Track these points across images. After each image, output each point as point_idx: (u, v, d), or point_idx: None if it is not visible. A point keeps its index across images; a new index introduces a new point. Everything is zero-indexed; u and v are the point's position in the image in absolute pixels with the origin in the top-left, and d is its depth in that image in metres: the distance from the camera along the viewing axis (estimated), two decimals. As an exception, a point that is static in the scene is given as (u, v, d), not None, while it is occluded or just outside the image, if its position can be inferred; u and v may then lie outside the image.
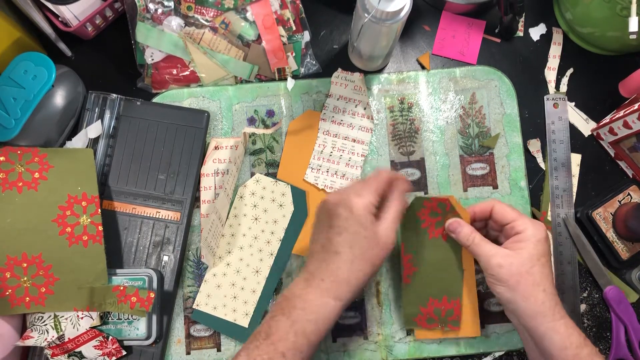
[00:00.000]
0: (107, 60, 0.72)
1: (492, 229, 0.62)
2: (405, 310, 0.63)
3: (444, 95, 0.71)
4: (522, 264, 0.54)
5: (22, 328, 0.64)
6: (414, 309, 0.63)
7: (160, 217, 0.66)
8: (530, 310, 0.53)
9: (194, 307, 0.66)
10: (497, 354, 0.67)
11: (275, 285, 0.66)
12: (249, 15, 0.69)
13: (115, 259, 0.65)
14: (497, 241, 0.59)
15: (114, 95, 0.68)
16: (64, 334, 0.61)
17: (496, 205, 0.59)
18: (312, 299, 0.52)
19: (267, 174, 0.69)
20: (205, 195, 0.67)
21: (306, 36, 0.71)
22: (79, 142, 0.66)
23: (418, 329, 0.64)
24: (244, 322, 0.66)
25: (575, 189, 0.70)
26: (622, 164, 0.70)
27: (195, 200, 0.68)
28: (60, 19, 0.67)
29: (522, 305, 0.54)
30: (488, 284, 0.56)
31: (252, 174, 0.69)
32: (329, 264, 0.53)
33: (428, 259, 0.62)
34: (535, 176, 0.70)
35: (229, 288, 0.66)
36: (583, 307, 0.68)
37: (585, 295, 0.68)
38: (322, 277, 0.53)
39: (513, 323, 0.58)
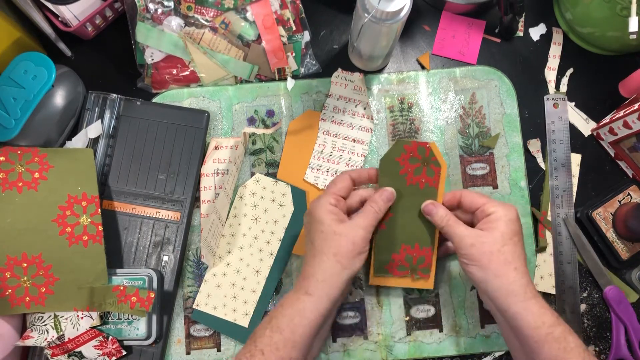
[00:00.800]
0: (107, 60, 0.72)
1: (460, 218, 0.62)
2: (377, 257, 0.62)
3: (444, 95, 0.71)
4: (493, 242, 0.55)
5: (22, 328, 0.64)
6: (386, 256, 0.62)
7: (160, 217, 0.66)
8: (502, 289, 0.54)
9: (194, 307, 0.66)
10: (497, 354, 0.67)
11: (275, 285, 0.66)
12: (249, 15, 0.69)
13: (115, 259, 0.65)
14: (470, 225, 0.60)
15: (114, 95, 0.68)
16: (64, 334, 0.61)
17: (464, 193, 0.60)
18: (287, 296, 0.57)
19: (267, 174, 0.69)
20: (205, 195, 0.67)
21: (306, 36, 0.71)
22: (79, 142, 0.66)
23: (388, 276, 0.63)
24: (244, 322, 0.66)
25: (575, 189, 0.70)
26: (622, 164, 0.70)
27: (195, 200, 0.68)
28: (60, 19, 0.67)
29: (494, 284, 0.54)
30: (461, 265, 0.57)
31: (252, 174, 0.69)
32: (303, 265, 0.59)
33: (404, 206, 0.62)
34: (535, 176, 0.70)
35: (229, 288, 0.66)
36: (583, 307, 0.68)
37: (585, 295, 0.68)
38: (299, 277, 0.58)
39: (489, 309, 0.59)
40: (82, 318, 0.61)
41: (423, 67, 0.72)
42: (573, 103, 0.72)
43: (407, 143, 0.61)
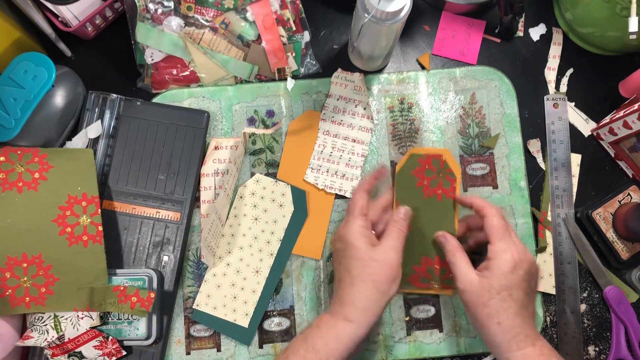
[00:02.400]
0: (107, 60, 0.72)
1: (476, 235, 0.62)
2: None
3: (444, 95, 0.71)
4: (479, 295, 0.54)
5: (22, 328, 0.64)
6: (408, 268, 0.63)
7: (160, 217, 0.66)
8: (487, 339, 0.55)
9: (194, 307, 0.66)
10: (497, 354, 0.67)
11: (275, 285, 0.66)
12: (249, 15, 0.69)
13: (115, 259, 0.65)
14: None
15: (114, 95, 0.68)
16: (64, 334, 0.61)
17: (489, 217, 0.57)
18: (325, 320, 0.56)
19: (267, 174, 0.69)
20: (205, 195, 0.67)
21: (306, 36, 0.71)
22: (79, 142, 0.67)
23: (411, 289, 0.64)
24: (244, 322, 0.66)
25: (575, 189, 0.70)
26: (622, 164, 0.70)
27: (195, 200, 0.68)
28: (60, 19, 0.67)
29: (480, 331, 0.55)
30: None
31: (252, 174, 0.69)
32: (338, 291, 0.57)
33: (422, 218, 0.63)
34: (535, 176, 0.70)
35: (229, 288, 0.66)
36: (583, 307, 0.68)
37: (585, 295, 0.68)
38: (334, 302, 0.57)
39: None
40: (82, 318, 0.61)
41: (423, 67, 0.72)
42: (573, 103, 0.72)
43: (421, 156, 0.63)
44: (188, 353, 0.66)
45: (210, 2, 0.68)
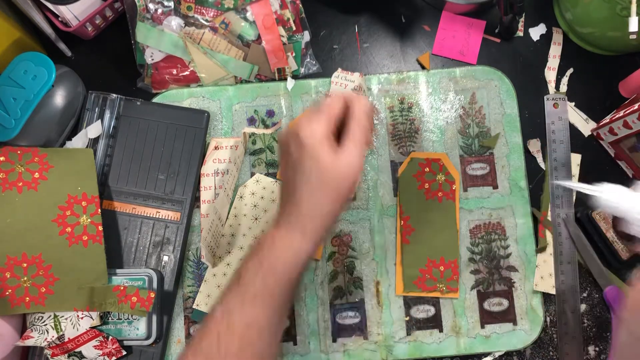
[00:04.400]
0: (107, 60, 0.72)
1: None
2: (405, 272, 0.64)
3: (444, 95, 0.71)
4: None
5: (22, 328, 0.64)
6: (413, 271, 0.64)
7: (160, 217, 0.66)
8: None
9: (194, 307, 0.66)
10: (497, 354, 0.67)
11: (275, 285, 0.66)
12: (249, 15, 0.69)
13: (115, 259, 0.65)
14: None
15: (114, 95, 0.68)
16: (64, 334, 0.61)
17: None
18: (279, 235, 0.49)
19: (267, 174, 0.69)
20: (205, 195, 0.67)
21: (306, 36, 0.71)
22: (79, 142, 0.67)
23: (418, 292, 0.65)
24: (244, 322, 0.66)
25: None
26: (622, 164, 0.70)
27: (195, 200, 0.68)
28: (60, 19, 0.67)
29: None
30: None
31: (252, 174, 0.69)
32: (290, 200, 0.50)
33: (425, 221, 0.64)
34: (535, 176, 0.70)
35: (229, 288, 0.66)
36: (583, 307, 0.68)
37: (585, 295, 0.68)
38: (288, 213, 0.50)
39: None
40: (82, 318, 0.61)
41: (423, 67, 0.72)
42: (573, 103, 0.72)
43: (421, 160, 0.64)
44: (188, 353, 0.66)
45: (210, 2, 0.68)
